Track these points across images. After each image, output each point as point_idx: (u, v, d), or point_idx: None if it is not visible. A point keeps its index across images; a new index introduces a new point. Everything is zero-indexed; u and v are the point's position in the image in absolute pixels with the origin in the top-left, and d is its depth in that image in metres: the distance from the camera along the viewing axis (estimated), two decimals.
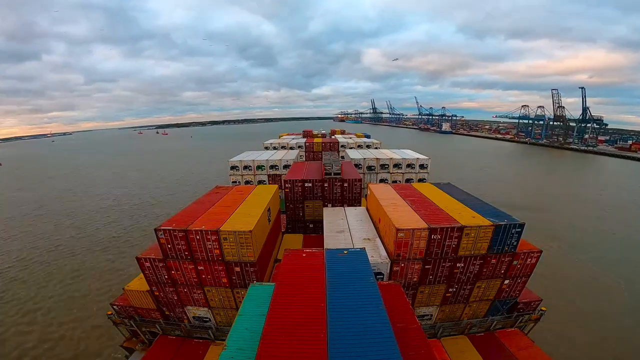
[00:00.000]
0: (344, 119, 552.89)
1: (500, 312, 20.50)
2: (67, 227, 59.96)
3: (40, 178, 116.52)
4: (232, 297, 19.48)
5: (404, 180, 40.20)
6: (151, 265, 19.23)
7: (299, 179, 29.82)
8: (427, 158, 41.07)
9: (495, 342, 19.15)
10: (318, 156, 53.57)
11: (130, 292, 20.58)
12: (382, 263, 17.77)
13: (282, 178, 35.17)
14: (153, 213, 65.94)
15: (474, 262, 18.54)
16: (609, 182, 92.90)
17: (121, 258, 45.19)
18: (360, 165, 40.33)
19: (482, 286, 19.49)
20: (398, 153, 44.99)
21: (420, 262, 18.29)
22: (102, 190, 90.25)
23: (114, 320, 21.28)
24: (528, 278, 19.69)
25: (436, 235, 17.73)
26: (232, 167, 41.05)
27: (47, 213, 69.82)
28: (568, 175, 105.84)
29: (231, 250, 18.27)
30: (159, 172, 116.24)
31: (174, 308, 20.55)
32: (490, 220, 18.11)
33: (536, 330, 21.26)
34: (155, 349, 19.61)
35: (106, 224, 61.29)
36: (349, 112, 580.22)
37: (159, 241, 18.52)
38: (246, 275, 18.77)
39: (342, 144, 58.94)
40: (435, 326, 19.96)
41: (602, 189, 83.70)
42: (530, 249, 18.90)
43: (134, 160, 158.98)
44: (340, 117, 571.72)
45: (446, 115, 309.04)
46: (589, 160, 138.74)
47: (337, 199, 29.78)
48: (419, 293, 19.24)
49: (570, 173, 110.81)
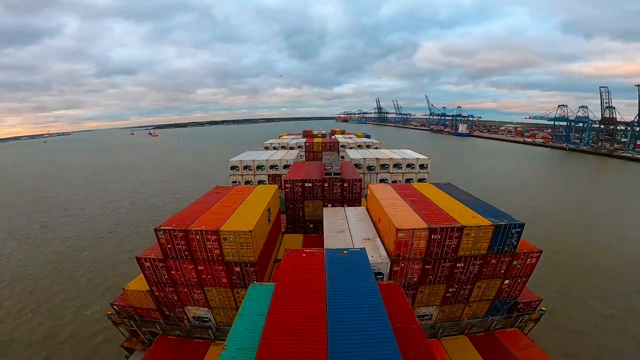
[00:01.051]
0: (346, 119, 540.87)
1: (500, 312, 20.49)
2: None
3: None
4: (232, 297, 19.48)
5: (404, 180, 40.18)
6: (151, 265, 19.22)
7: (299, 179, 29.81)
8: (427, 158, 41.07)
9: (495, 342, 19.14)
10: (318, 156, 53.55)
11: (130, 292, 20.57)
12: (382, 263, 17.76)
13: (282, 178, 35.16)
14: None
15: (474, 262, 18.53)
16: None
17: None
18: (360, 165, 40.31)
19: (482, 286, 19.49)
20: (398, 153, 44.98)
21: (420, 262, 18.29)
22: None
23: (114, 320, 21.27)
24: (528, 278, 19.69)
25: (436, 235, 17.73)
26: (232, 167, 41.03)
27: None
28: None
29: (231, 250, 18.27)
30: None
31: (174, 308, 20.54)
32: (490, 220, 18.11)
33: (536, 330, 21.28)
34: (155, 349, 19.61)
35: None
36: (352, 112, 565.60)
37: (159, 241, 18.52)
38: (246, 275, 18.76)
39: (342, 144, 58.93)
40: (435, 326, 19.95)
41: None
42: (530, 249, 18.90)
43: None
44: (342, 117, 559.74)
45: (462, 115, 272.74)
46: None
47: (337, 199, 29.78)
48: (419, 293, 19.23)
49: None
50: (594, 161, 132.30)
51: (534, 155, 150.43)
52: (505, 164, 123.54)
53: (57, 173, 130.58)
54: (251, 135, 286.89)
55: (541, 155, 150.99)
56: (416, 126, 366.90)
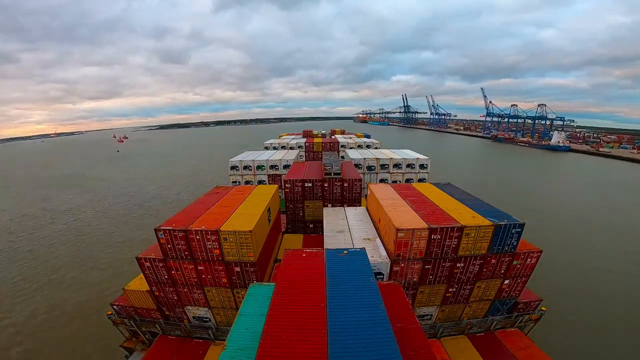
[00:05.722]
0: (366, 119, 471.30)
1: (500, 312, 20.50)
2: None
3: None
4: (232, 297, 19.48)
5: (404, 180, 40.17)
6: (151, 265, 19.22)
7: (299, 179, 29.81)
8: (427, 158, 41.06)
9: (495, 342, 19.15)
10: (318, 156, 53.58)
11: (130, 292, 20.59)
12: (382, 263, 17.77)
13: (282, 178, 35.17)
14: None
15: (474, 262, 18.53)
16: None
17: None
18: (360, 165, 40.32)
19: (482, 286, 19.49)
20: (398, 153, 44.98)
21: (420, 262, 18.29)
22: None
23: (114, 320, 21.27)
24: (528, 278, 19.69)
25: (436, 235, 17.73)
26: (232, 167, 41.02)
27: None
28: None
29: (231, 250, 18.27)
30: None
31: (174, 308, 20.54)
32: (490, 220, 18.10)
33: (536, 330, 21.27)
34: (155, 349, 19.60)
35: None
36: (372, 112, 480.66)
37: (159, 241, 18.52)
38: (246, 275, 18.76)
39: (342, 144, 58.95)
40: (435, 326, 19.96)
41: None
42: (530, 249, 18.89)
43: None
44: (361, 118, 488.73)
45: (547, 117, 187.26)
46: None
47: (337, 199, 29.77)
48: (419, 293, 19.23)
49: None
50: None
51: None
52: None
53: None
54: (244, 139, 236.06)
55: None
56: (459, 130, 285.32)
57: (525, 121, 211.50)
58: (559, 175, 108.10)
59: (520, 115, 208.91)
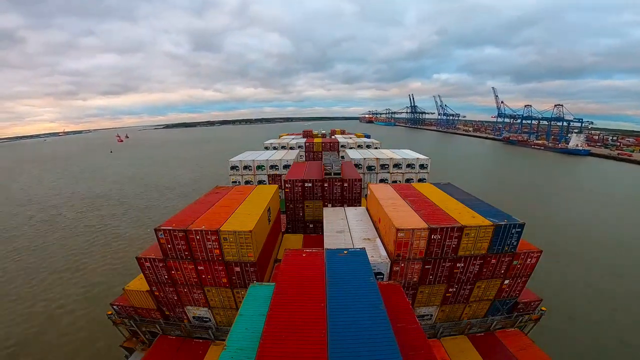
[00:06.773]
0: (372, 119, 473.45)
1: (500, 312, 20.50)
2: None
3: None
4: (232, 297, 19.48)
5: (404, 180, 40.18)
6: (151, 265, 19.22)
7: (299, 179, 29.81)
8: (427, 158, 41.08)
9: (495, 342, 19.15)
10: (318, 156, 53.59)
11: (130, 292, 20.58)
12: (382, 263, 17.77)
13: (282, 178, 35.16)
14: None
15: (474, 262, 18.53)
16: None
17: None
18: (360, 165, 40.33)
19: (482, 286, 19.49)
20: (398, 153, 45.00)
21: (420, 262, 18.29)
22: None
23: (114, 320, 21.27)
24: (528, 278, 19.69)
25: (436, 235, 17.73)
26: (232, 167, 41.03)
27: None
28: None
29: (231, 250, 18.27)
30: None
31: (174, 308, 20.54)
32: (490, 220, 18.10)
33: (536, 330, 21.27)
34: (155, 349, 19.60)
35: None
36: (378, 112, 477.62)
37: (159, 241, 18.53)
38: (246, 275, 18.76)
39: (342, 144, 58.97)
40: (435, 326, 19.96)
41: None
42: (530, 249, 18.90)
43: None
44: (367, 118, 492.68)
45: (564, 118, 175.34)
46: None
47: (337, 199, 29.77)
48: (419, 293, 19.23)
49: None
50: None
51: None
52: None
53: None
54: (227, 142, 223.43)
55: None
56: (468, 131, 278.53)
57: (540, 123, 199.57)
58: (586, 182, 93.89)
59: (534, 116, 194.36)
